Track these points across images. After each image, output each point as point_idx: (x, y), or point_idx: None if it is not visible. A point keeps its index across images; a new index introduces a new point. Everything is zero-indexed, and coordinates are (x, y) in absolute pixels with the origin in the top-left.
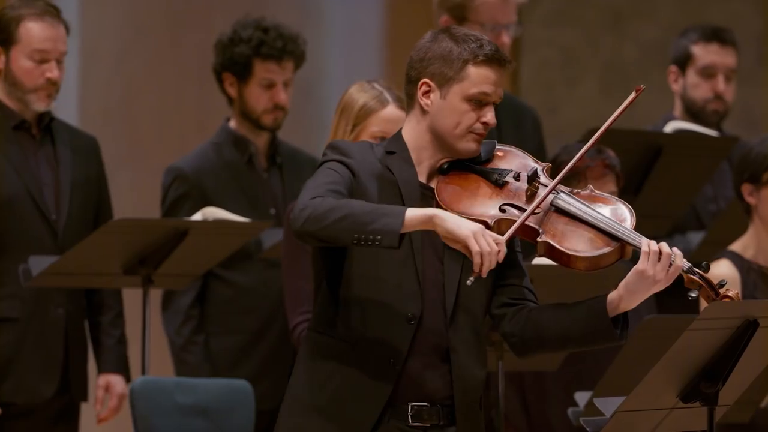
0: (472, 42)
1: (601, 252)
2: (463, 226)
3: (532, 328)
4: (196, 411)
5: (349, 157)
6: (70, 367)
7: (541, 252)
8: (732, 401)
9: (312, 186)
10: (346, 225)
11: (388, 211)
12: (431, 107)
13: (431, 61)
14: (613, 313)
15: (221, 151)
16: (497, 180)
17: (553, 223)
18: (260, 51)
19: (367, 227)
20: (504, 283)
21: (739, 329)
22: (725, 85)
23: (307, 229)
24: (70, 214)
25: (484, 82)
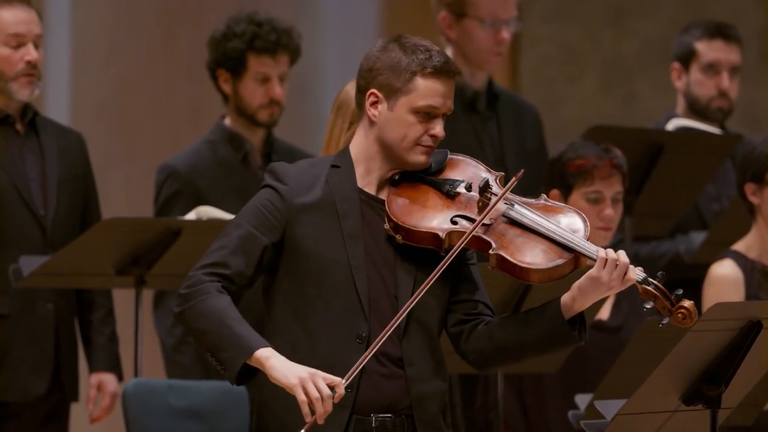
0: (421, 53)
1: (554, 264)
2: (291, 375)
3: (489, 341)
4: (189, 414)
5: (284, 183)
6: (61, 365)
7: (494, 264)
8: (735, 404)
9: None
10: (205, 341)
11: (240, 346)
12: (379, 118)
13: (379, 71)
14: (568, 314)
15: (216, 149)
16: (448, 191)
17: (505, 235)
18: (254, 45)
19: (218, 354)
20: (458, 298)
21: (743, 330)
22: (730, 82)
23: (179, 321)
24: (58, 209)
25: (431, 94)
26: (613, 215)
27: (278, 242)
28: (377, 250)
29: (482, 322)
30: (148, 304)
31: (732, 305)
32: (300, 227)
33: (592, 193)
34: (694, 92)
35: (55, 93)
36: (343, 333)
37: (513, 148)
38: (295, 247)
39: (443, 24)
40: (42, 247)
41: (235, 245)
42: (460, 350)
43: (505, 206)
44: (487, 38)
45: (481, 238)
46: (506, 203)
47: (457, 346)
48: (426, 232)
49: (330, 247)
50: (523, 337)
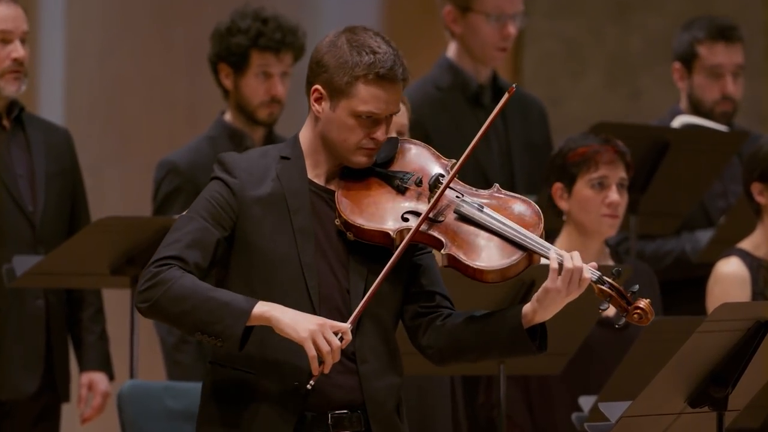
0: (367, 55)
1: (507, 263)
2: (300, 328)
3: (447, 339)
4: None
5: (232, 175)
6: (52, 363)
7: (446, 263)
8: (742, 406)
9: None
10: (189, 320)
11: (232, 309)
12: (321, 115)
13: (325, 68)
14: (529, 325)
15: (216, 145)
16: (398, 186)
17: (457, 232)
18: (258, 42)
19: (211, 327)
20: (416, 289)
21: (750, 331)
22: (734, 84)
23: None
24: (46, 205)
25: (373, 100)
26: (619, 200)
27: (229, 236)
28: (329, 244)
29: (440, 316)
30: None
31: (739, 305)
32: (250, 222)
33: (596, 179)
34: (698, 95)
35: (49, 90)
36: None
37: (519, 143)
38: (245, 242)
39: (448, 18)
40: (31, 244)
41: (190, 239)
42: (417, 344)
43: (457, 200)
44: (492, 33)
45: (432, 235)
46: (457, 195)
47: (414, 340)
48: (377, 230)
49: (280, 243)
50: (483, 341)
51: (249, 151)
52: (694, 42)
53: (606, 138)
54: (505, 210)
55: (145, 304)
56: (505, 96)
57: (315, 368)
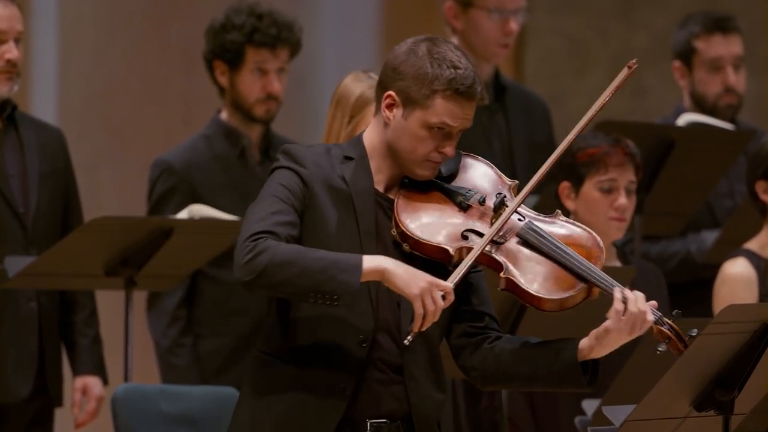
0: (447, 69)
1: (567, 295)
2: (412, 284)
3: (495, 364)
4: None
5: (302, 165)
6: (45, 366)
7: (503, 287)
8: (748, 409)
9: (258, 216)
10: (302, 283)
11: (344, 265)
12: (392, 122)
13: (402, 76)
14: (583, 359)
15: (212, 144)
16: (461, 203)
17: (518, 257)
18: (253, 38)
19: (324, 286)
20: (466, 308)
21: (756, 333)
22: (735, 75)
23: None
24: (39, 206)
25: (448, 114)
26: (627, 205)
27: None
28: (385, 252)
29: (488, 339)
30: (138, 306)
31: (745, 307)
32: (318, 214)
33: (605, 182)
34: (700, 91)
35: (42, 87)
36: (348, 334)
37: (522, 142)
38: (311, 235)
39: (449, 14)
40: (23, 245)
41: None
42: (461, 364)
43: (519, 224)
44: (493, 29)
45: (492, 257)
46: (520, 218)
47: (459, 359)
48: (435, 246)
49: (345, 243)
50: (532, 372)
51: (312, 146)
52: (690, 37)
53: (616, 138)
54: (568, 238)
55: (251, 276)
56: (625, 71)
57: (417, 325)
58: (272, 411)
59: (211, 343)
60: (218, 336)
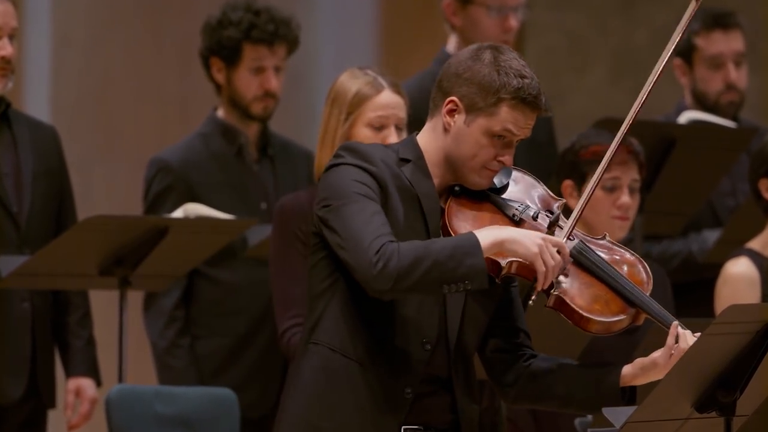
0: (515, 78)
1: (616, 318)
2: (530, 244)
3: (531, 384)
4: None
5: (372, 164)
6: (37, 367)
7: (551, 305)
8: (751, 411)
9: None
10: (435, 276)
11: (466, 248)
12: (452, 128)
13: (466, 82)
14: (623, 384)
15: (209, 142)
16: (514, 216)
17: (569, 276)
18: (250, 34)
19: (455, 273)
20: (502, 323)
21: (759, 333)
22: (736, 72)
23: (399, 288)
24: (32, 206)
25: (513, 123)
26: (631, 203)
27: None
28: None
29: (524, 357)
30: (133, 306)
31: (748, 307)
32: (390, 214)
33: (608, 180)
34: (701, 88)
35: (35, 84)
36: (411, 335)
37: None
38: None
39: (448, 11)
40: (17, 245)
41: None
42: (494, 378)
43: (571, 243)
44: (493, 26)
45: None
46: (571, 239)
47: (493, 374)
48: (487, 258)
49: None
50: (570, 394)
51: (371, 145)
52: (690, 34)
53: None
54: (618, 263)
55: (389, 283)
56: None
57: (541, 282)
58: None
59: (208, 344)
60: (216, 336)
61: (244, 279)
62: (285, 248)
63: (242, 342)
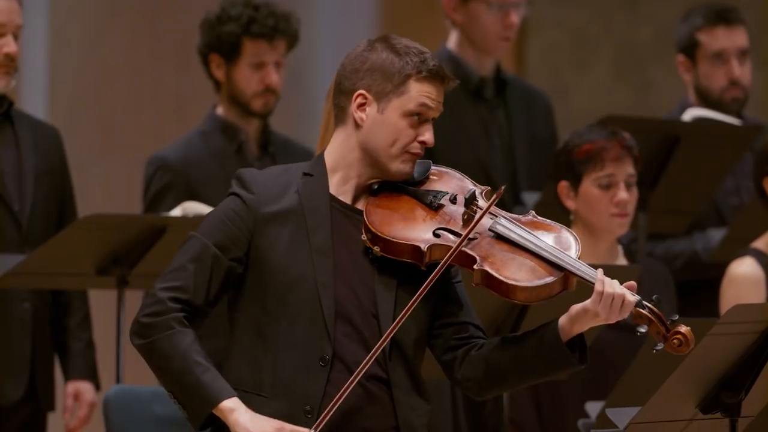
0: (415, 56)
1: (542, 282)
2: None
3: (485, 369)
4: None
5: (250, 191)
6: (36, 369)
7: (478, 280)
8: (756, 412)
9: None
10: (164, 381)
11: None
12: (366, 122)
13: (368, 73)
14: (567, 337)
15: (208, 140)
16: (431, 202)
17: (491, 250)
18: (250, 29)
19: (180, 396)
20: (446, 321)
21: (764, 334)
22: (740, 68)
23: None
24: (34, 204)
25: (425, 97)
26: (628, 199)
27: (244, 255)
28: (352, 265)
29: (474, 347)
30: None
31: (753, 307)
32: (265, 239)
33: (603, 178)
34: (705, 85)
35: (32, 81)
36: (307, 355)
37: (523, 138)
38: (260, 260)
39: (448, 7)
40: (18, 244)
41: (199, 267)
42: (454, 378)
43: (491, 221)
44: (494, 22)
45: (465, 253)
46: (492, 217)
47: (451, 375)
48: (406, 244)
49: (296, 262)
50: (523, 365)
51: (270, 168)
52: (693, 30)
53: (612, 131)
54: (542, 233)
55: (136, 338)
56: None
57: None
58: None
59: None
60: (215, 337)
61: None
62: None
63: None
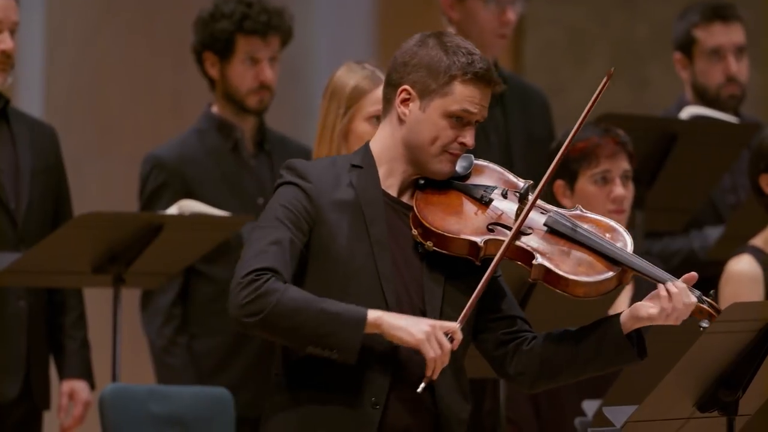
0: (463, 56)
1: (603, 277)
2: (415, 330)
3: (539, 364)
4: (171, 421)
5: (307, 180)
6: (31, 368)
7: (536, 276)
8: (753, 410)
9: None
10: (305, 333)
11: (349, 320)
12: (408, 117)
13: (416, 68)
14: (626, 332)
15: (204, 138)
16: (483, 197)
17: (548, 246)
18: (243, 26)
19: (326, 339)
20: (493, 315)
21: (761, 332)
22: (737, 64)
23: (259, 328)
24: (30, 203)
25: (468, 100)
26: (624, 194)
27: (307, 244)
28: (403, 259)
29: (524, 341)
30: (127, 304)
31: (751, 305)
32: (327, 228)
33: (598, 174)
34: (702, 82)
35: (28, 78)
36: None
37: (520, 136)
38: (322, 250)
39: (445, 4)
40: (13, 242)
41: (277, 249)
42: (504, 373)
43: (544, 216)
44: (490, 19)
45: (523, 248)
46: (543, 212)
47: (501, 369)
48: (462, 239)
49: (357, 253)
50: (580, 358)
51: (317, 160)
52: (690, 27)
53: (606, 128)
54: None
55: (253, 318)
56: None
57: (429, 371)
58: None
59: (205, 342)
60: (213, 335)
61: None
62: None
63: (239, 340)
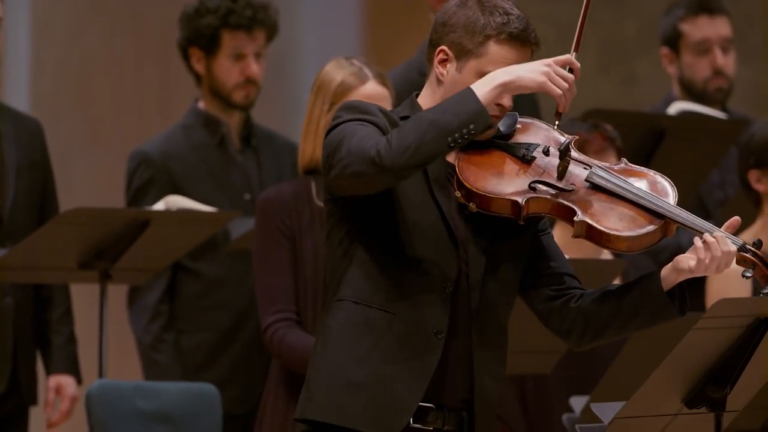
0: (499, 15)
1: (645, 231)
2: (536, 75)
3: (585, 321)
4: (158, 417)
5: (372, 115)
6: (18, 363)
7: (578, 232)
8: (741, 406)
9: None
10: (435, 134)
11: (458, 99)
12: (446, 78)
13: (453, 28)
14: (667, 288)
15: (190, 133)
16: (524, 155)
17: (590, 201)
18: (228, 21)
19: (453, 124)
20: (544, 272)
21: (749, 328)
22: (724, 57)
23: (405, 163)
24: (15, 199)
25: (503, 61)
26: None
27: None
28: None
29: (573, 298)
30: (113, 300)
31: (738, 301)
32: None
33: None
34: (689, 76)
35: (14, 74)
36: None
37: None
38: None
39: (433, 0)
40: None
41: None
42: (553, 328)
43: (586, 171)
44: None
45: (564, 204)
46: (586, 168)
47: (549, 324)
48: (504, 199)
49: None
50: (623, 315)
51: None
52: (676, 21)
53: (594, 124)
54: (638, 181)
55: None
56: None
57: (562, 105)
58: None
59: (192, 339)
60: (200, 331)
61: (227, 272)
62: (268, 243)
63: (226, 336)
